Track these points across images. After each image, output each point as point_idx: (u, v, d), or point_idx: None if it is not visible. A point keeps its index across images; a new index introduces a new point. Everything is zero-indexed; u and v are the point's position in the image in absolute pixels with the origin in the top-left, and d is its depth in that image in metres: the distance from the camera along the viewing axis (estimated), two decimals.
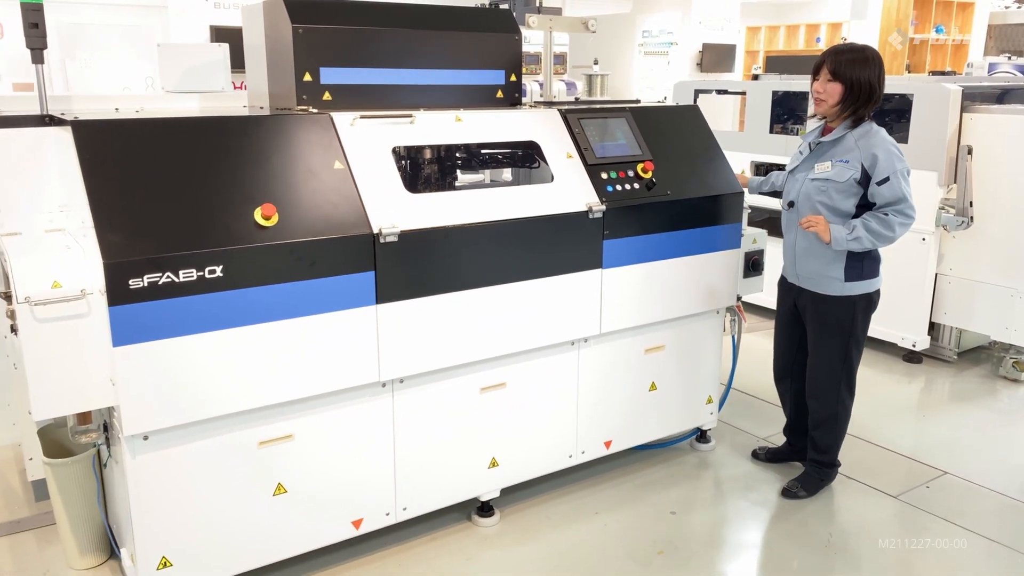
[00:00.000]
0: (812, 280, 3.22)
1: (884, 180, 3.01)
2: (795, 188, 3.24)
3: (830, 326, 3.23)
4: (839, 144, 3.12)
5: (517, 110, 3.24)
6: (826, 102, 3.10)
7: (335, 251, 2.53)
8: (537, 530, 3.16)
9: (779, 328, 3.52)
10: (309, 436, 2.66)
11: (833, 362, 3.25)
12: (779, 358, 3.54)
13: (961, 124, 4.63)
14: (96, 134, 2.36)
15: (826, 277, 3.17)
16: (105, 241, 2.22)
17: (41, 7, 2.63)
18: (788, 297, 3.40)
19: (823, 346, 3.27)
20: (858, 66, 3.04)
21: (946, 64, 12.49)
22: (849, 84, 3.04)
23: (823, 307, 3.22)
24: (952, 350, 5.02)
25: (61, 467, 2.80)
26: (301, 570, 2.86)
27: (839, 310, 3.19)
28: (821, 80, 3.10)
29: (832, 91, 3.07)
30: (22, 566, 2.92)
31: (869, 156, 3.03)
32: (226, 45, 3.67)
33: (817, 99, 3.13)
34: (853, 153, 3.07)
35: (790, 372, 3.51)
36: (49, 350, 2.27)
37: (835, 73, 3.05)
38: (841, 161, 3.08)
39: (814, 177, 3.14)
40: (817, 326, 3.27)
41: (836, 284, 3.16)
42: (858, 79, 3.04)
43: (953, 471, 3.66)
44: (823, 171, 3.12)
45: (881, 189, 3.03)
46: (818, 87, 3.11)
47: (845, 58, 3.05)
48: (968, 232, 4.65)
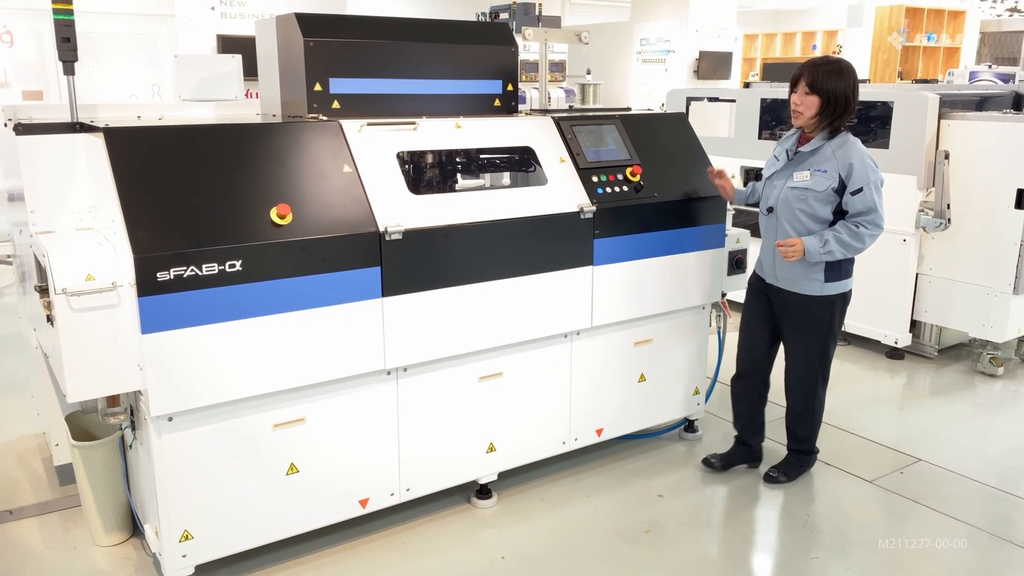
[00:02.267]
0: (792, 281, 3.34)
1: (858, 190, 3.15)
2: (774, 194, 3.34)
3: (810, 324, 3.36)
4: (817, 154, 3.23)
5: (513, 118, 3.46)
6: (803, 114, 3.21)
7: (344, 248, 2.74)
8: (532, 511, 3.36)
9: (747, 327, 3.59)
10: (320, 419, 2.86)
11: (812, 358, 3.41)
12: (745, 356, 3.60)
13: (939, 130, 4.83)
14: (126, 140, 2.58)
15: (807, 279, 3.30)
16: (135, 237, 2.43)
17: (73, 23, 2.84)
18: (762, 297, 3.49)
19: (803, 343, 3.41)
20: (833, 78, 3.16)
21: (939, 70, 12.71)
22: (826, 96, 3.15)
23: (803, 307, 3.34)
24: (933, 347, 5.22)
25: (89, 449, 3.00)
26: (312, 547, 3.06)
27: (819, 309, 3.34)
28: (799, 93, 3.21)
29: (810, 103, 3.18)
30: (51, 544, 3.12)
31: (846, 166, 3.17)
32: (239, 56, 3.88)
33: (795, 111, 3.24)
34: (831, 163, 3.19)
35: (752, 370, 3.59)
36: (83, 338, 2.48)
37: (812, 86, 3.16)
38: (819, 171, 3.20)
39: (793, 186, 3.25)
40: (797, 325, 3.39)
41: (816, 285, 3.30)
42: (834, 91, 3.15)
43: (928, 459, 3.86)
44: (802, 180, 3.23)
45: (854, 199, 3.17)
46: (796, 99, 3.22)
47: (822, 71, 3.17)
48: (946, 233, 4.86)
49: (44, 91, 9.48)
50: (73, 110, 2.94)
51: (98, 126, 2.69)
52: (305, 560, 3.00)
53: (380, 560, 3.02)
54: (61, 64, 2.88)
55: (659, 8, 11.14)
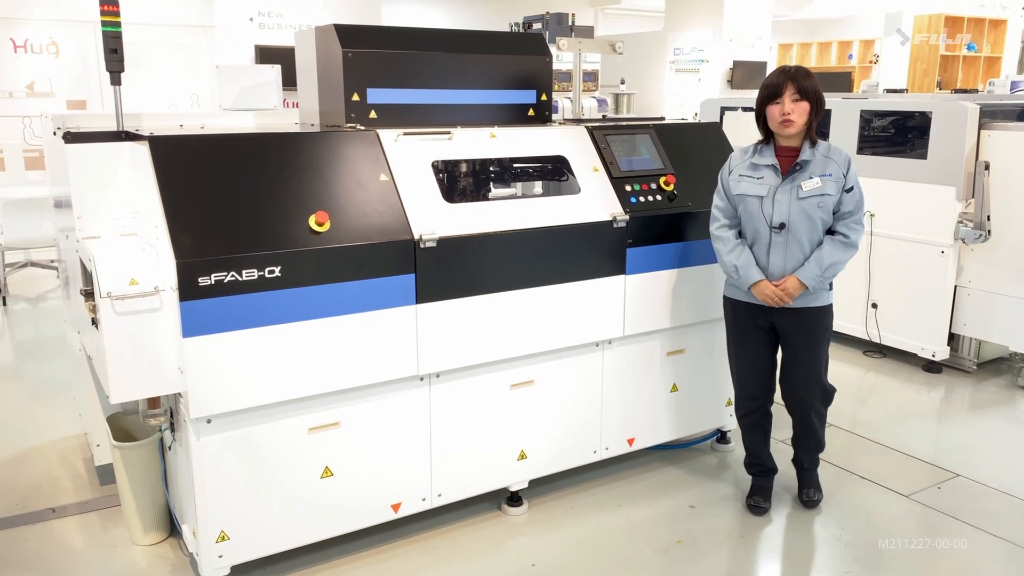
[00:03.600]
0: (806, 296, 3.19)
1: (851, 188, 3.12)
2: (783, 210, 3.13)
3: (820, 334, 3.28)
4: (812, 161, 3.13)
5: (547, 127, 3.48)
6: (796, 121, 3.08)
7: (380, 255, 2.78)
8: (563, 520, 3.37)
9: (752, 353, 3.37)
10: (354, 424, 2.90)
11: (820, 365, 3.32)
12: (754, 384, 3.40)
13: (979, 140, 4.77)
14: (170, 148, 2.65)
15: (820, 291, 3.22)
16: (177, 243, 2.49)
17: (120, 34, 2.92)
18: (762, 319, 3.29)
19: (813, 354, 3.29)
20: (812, 80, 3.10)
21: (978, 80, 12.52)
22: (815, 100, 3.09)
23: (815, 318, 3.24)
24: (972, 361, 5.14)
25: (129, 450, 3.07)
26: (344, 550, 3.09)
27: (827, 318, 3.28)
28: (786, 102, 3.06)
29: (802, 109, 3.07)
30: (91, 542, 3.19)
31: (844, 164, 3.12)
32: (278, 67, 3.97)
33: (786, 120, 3.07)
34: (831, 165, 3.12)
35: (767, 396, 3.42)
36: (126, 340, 2.54)
37: (802, 91, 3.06)
38: (825, 175, 3.11)
39: (805, 195, 3.10)
40: (809, 337, 3.26)
41: (825, 295, 3.24)
42: (817, 92, 3.09)
43: (966, 474, 3.79)
44: (814, 188, 3.10)
45: (847, 197, 3.12)
46: (787, 108, 3.06)
47: (802, 75, 3.09)
48: (986, 245, 4.78)
49: (87, 100, 9.73)
50: (119, 119, 3.02)
51: (143, 135, 2.77)
52: (338, 563, 3.03)
53: (412, 565, 3.05)
54: (107, 74, 2.96)
55: (693, 18, 11.13)
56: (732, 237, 3.28)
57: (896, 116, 5.35)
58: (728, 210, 3.29)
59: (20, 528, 3.29)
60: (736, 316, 3.38)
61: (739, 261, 3.22)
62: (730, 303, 3.40)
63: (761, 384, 3.42)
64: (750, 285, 3.21)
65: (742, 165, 3.26)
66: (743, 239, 3.28)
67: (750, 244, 3.26)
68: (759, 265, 3.21)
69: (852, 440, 4.18)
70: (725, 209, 3.30)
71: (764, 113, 3.17)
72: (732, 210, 3.29)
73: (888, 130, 5.42)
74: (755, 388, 3.42)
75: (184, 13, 10.00)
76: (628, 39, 8.31)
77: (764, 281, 3.18)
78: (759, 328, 3.33)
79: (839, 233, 3.16)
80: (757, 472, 3.54)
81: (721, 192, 3.32)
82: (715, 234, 3.31)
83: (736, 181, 3.25)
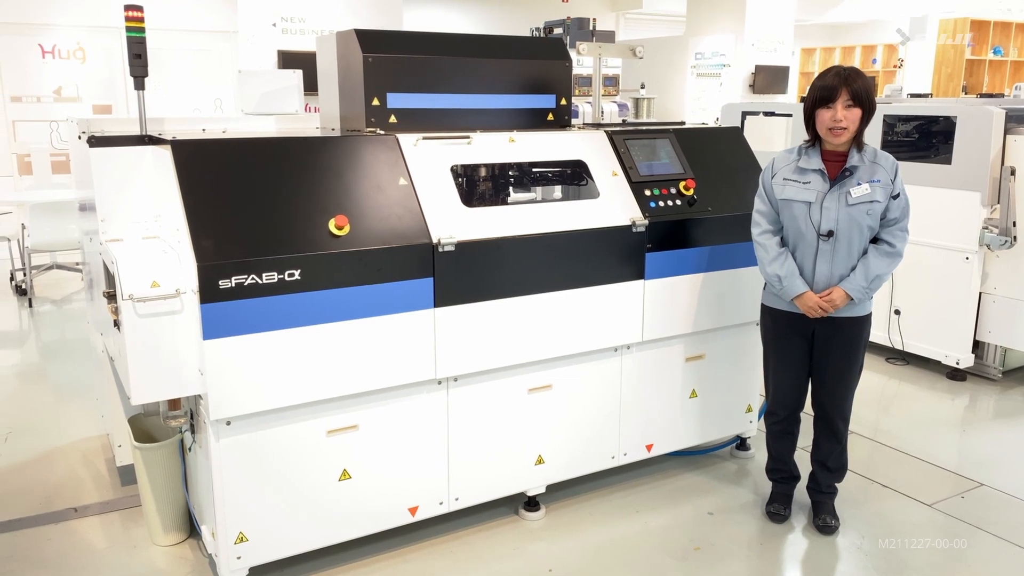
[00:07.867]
0: (850, 306, 3.12)
1: (898, 195, 3.05)
2: (831, 217, 3.04)
3: (862, 343, 3.22)
4: (861, 167, 3.05)
5: (566, 132, 3.48)
6: (848, 129, 2.98)
7: (398, 259, 2.79)
8: (580, 525, 3.35)
9: (791, 362, 3.28)
10: (372, 427, 2.91)
11: (856, 376, 3.26)
12: (791, 392, 3.32)
13: (1005, 145, 4.70)
14: (192, 152, 2.67)
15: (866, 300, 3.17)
16: (199, 246, 2.51)
17: (144, 40, 2.95)
18: (804, 328, 3.21)
19: (852, 365, 3.23)
20: (867, 82, 2.99)
21: (1005, 84, 12.36)
22: (868, 106, 2.99)
23: (856, 327, 3.18)
24: (996, 368, 5.06)
25: (150, 451, 3.10)
26: (362, 552, 3.10)
27: (867, 326, 3.21)
28: (839, 108, 2.96)
29: (854, 116, 2.98)
30: (112, 542, 3.22)
31: (892, 170, 3.05)
32: (299, 71, 3.99)
33: (837, 128, 2.98)
34: (879, 171, 3.05)
35: (798, 406, 3.36)
36: (147, 342, 2.56)
37: (856, 98, 2.96)
38: (874, 181, 3.04)
39: (854, 202, 3.02)
40: (850, 348, 3.20)
41: (869, 303, 3.19)
42: (871, 97, 2.99)
43: (990, 483, 3.74)
44: (864, 195, 3.01)
45: (894, 203, 3.05)
46: (840, 115, 2.96)
47: (859, 80, 2.98)
48: (1012, 251, 4.71)
49: (113, 105, 9.88)
50: (143, 123, 3.05)
51: (166, 139, 2.80)
52: (355, 566, 3.04)
53: (428, 569, 3.05)
54: (132, 79, 3.00)
55: (714, 23, 11.08)
56: (775, 245, 3.16)
57: (920, 121, 5.29)
58: (771, 215, 3.19)
59: (43, 527, 3.33)
60: (776, 326, 3.29)
61: (783, 271, 3.12)
62: (769, 312, 3.30)
63: (798, 392, 3.35)
64: (794, 297, 3.15)
65: (787, 168, 3.15)
66: (786, 247, 3.18)
67: (792, 250, 3.16)
68: (803, 274, 3.14)
69: (875, 448, 4.13)
70: (768, 214, 3.20)
71: (813, 115, 3.06)
72: (775, 215, 3.18)
73: (912, 135, 5.36)
74: (791, 396, 3.35)
75: (208, 19, 10.14)
76: (649, 44, 8.28)
77: (809, 292, 3.10)
78: (801, 337, 3.24)
79: (884, 241, 3.08)
80: (780, 478, 3.49)
81: (763, 196, 3.21)
82: (757, 240, 3.21)
83: (781, 185, 3.14)
